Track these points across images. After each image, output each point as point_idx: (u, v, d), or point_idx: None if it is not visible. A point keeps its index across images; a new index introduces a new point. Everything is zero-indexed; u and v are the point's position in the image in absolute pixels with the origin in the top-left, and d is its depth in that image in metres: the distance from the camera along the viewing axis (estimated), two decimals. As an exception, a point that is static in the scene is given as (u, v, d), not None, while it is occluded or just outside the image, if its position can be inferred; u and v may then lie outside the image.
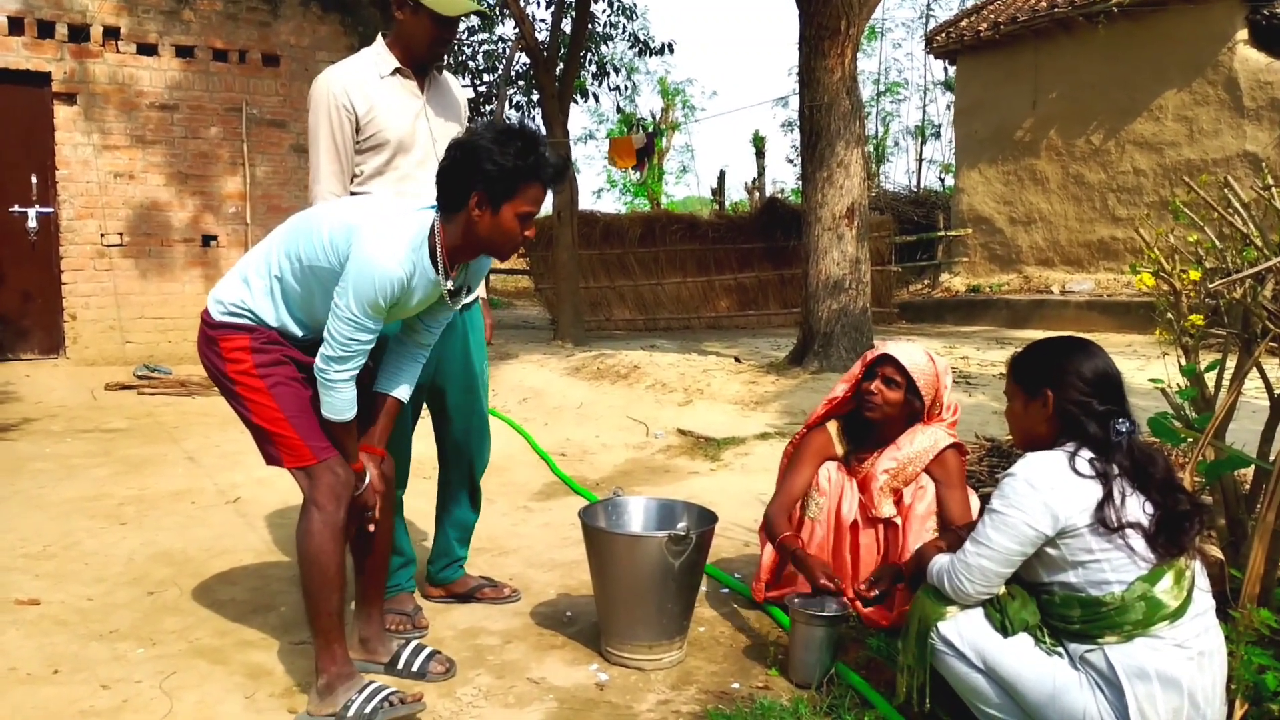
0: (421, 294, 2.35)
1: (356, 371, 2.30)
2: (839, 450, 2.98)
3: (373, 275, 2.20)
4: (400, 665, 2.56)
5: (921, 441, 2.83)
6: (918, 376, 2.81)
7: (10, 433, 5.90)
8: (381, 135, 2.77)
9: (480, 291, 3.09)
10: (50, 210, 8.04)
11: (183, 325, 8.43)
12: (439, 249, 2.31)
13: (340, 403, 2.30)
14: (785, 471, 3.03)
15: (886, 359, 2.84)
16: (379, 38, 2.89)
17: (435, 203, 2.34)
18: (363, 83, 2.77)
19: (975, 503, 2.89)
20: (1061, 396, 2.07)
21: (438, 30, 2.78)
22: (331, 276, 2.28)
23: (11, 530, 3.88)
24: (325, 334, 2.28)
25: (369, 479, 2.43)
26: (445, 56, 2.77)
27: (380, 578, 2.64)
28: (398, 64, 2.83)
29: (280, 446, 2.35)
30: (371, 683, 2.32)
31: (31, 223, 7.95)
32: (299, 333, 2.42)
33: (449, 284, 2.38)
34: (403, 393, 2.55)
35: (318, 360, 2.29)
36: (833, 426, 3.00)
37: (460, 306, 2.61)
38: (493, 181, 2.24)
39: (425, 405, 3.06)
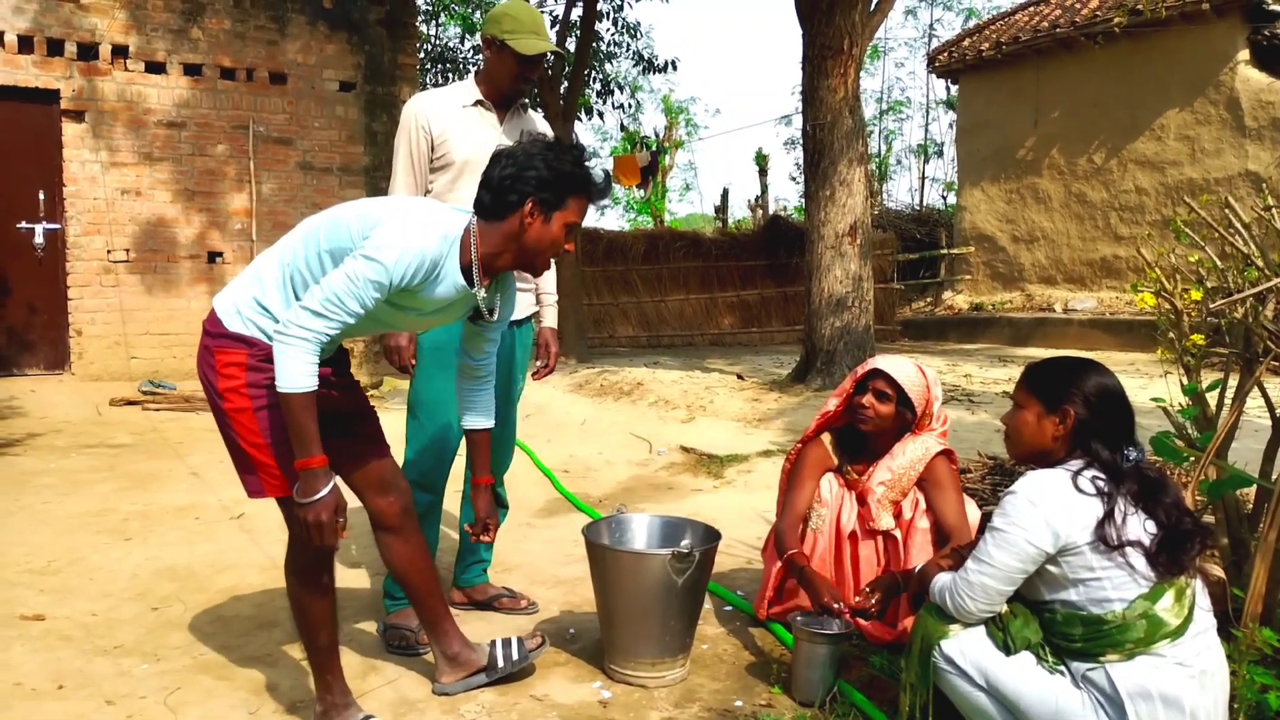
0: (444, 293, 2.25)
1: (320, 342, 2.10)
2: (834, 462, 3.00)
3: (401, 244, 2.10)
4: (502, 664, 2.59)
5: (913, 451, 2.86)
6: (909, 389, 2.84)
7: (15, 448, 5.92)
8: (449, 157, 3.00)
9: (550, 320, 3.28)
10: (57, 226, 8.09)
11: (188, 341, 8.46)
12: (474, 253, 2.25)
13: (297, 366, 2.06)
14: (787, 487, 3.05)
15: (878, 373, 2.88)
16: (472, 74, 3.15)
17: (474, 208, 2.30)
18: (443, 109, 3.01)
19: (974, 512, 2.91)
20: (1083, 417, 2.08)
21: (520, 68, 3.00)
22: None
23: (17, 545, 3.89)
24: (314, 286, 2.13)
25: (333, 483, 2.17)
26: (525, 92, 3.13)
27: (433, 602, 2.59)
28: (480, 96, 3.06)
29: (261, 473, 2.23)
30: (368, 717, 2.33)
31: (38, 239, 8.00)
32: None
33: (481, 292, 2.31)
34: (486, 422, 2.63)
35: (289, 312, 2.11)
36: (827, 439, 3.03)
37: (511, 323, 2.86)
38: (548, 187, 2.23)
39: None
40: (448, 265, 2.23)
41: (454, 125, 2.99)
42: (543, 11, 13.02)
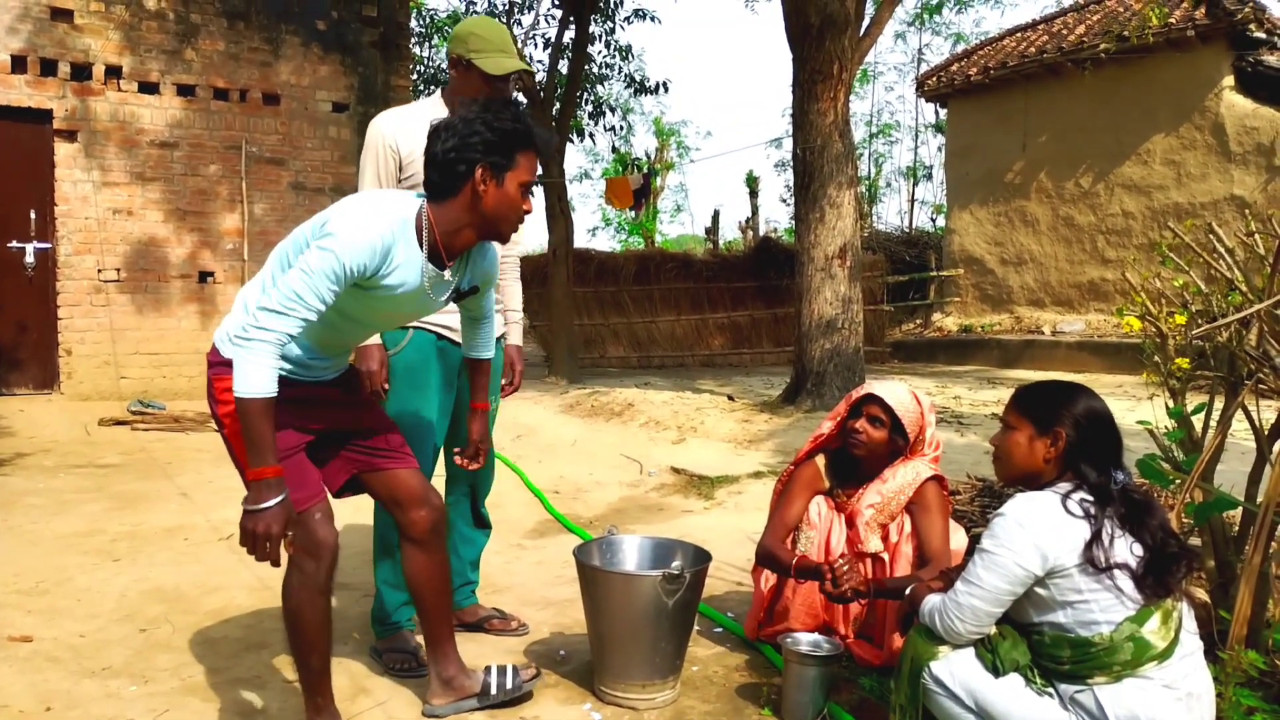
0: (408, 279, 2.21)
1: (281, 342, 2.05)
2: (826, 484, 3.01)
3: (351, 231, 2.08)
4: (495, 692, 2.57)
5: (904, 475, 2.87)
6: (903, 415, 2.85)
7: (4, 467, 5.89)
8: (419, 175, 2.93)
9: (516, 338, 3.28)
10: (48, 245, 8.08)
11: (178, 361, 8.45)
12: (434, 235, 2.22)
13: (256, 370, 2.01)
14: (777, 505, 3.06)
15: (872, 398, 2.88)
16: (439, 91, 3.10)
17: (425, 191, 2.28)
18: (411, 127, 2.95)
19: (962, 539, 2.92)
20: (1075, 439, 2.10)
21: (487, 87, 2.96)
22: None
23: (4, 566, 3.87)
24: (271, 287, 2.09)
25: (283, 497, 2.06)
26: None
27: (440, 622, 2.58)
28: (448, 113, 2.99)
29: None
30: None
31: (29, 258, 7.99)
32: (301, 354, 2.31)
33: (447, 274, 2.29)
34: (487, 353, 2.70)
35: (246, 315, 2.06)
36: (820, 461, 3.04)
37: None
38: (494, 149, 2.19)
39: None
40: (403, 249, 2.19)
41: (422, 143, 2.94)
42: (535, 34, 13.11)
